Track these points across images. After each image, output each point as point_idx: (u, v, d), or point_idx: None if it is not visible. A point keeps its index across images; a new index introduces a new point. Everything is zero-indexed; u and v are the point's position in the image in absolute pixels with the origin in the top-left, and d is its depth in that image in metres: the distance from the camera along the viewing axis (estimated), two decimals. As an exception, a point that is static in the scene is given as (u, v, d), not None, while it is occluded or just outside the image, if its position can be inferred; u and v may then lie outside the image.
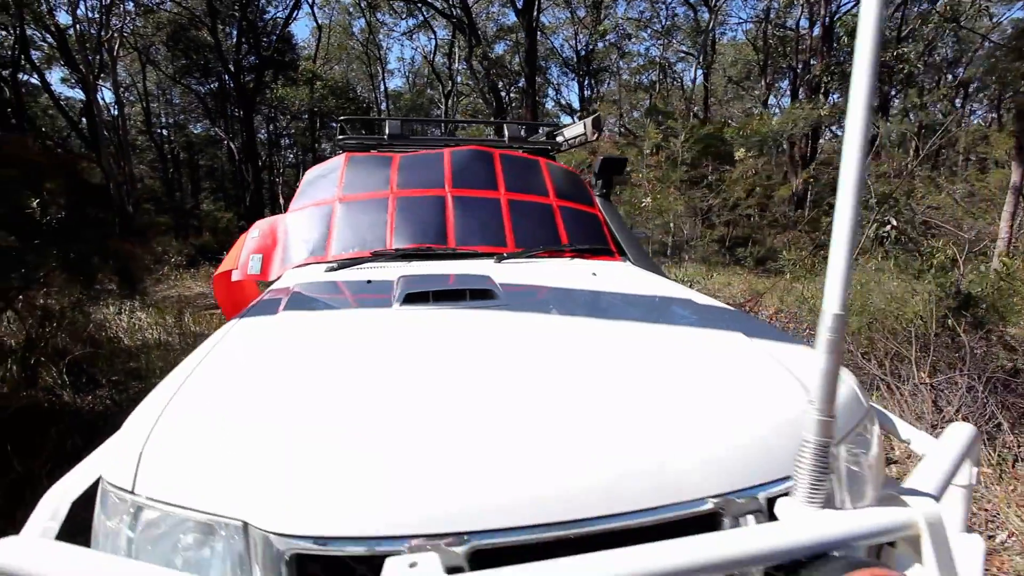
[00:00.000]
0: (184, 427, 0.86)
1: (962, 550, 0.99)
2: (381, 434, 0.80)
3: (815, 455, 0.70)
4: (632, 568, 0.59)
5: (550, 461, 0.77)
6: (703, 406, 0.93)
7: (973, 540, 1.01)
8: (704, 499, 0.80)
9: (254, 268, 2.14)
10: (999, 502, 2.37)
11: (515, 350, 1.12)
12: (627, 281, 1.82)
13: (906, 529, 0.69)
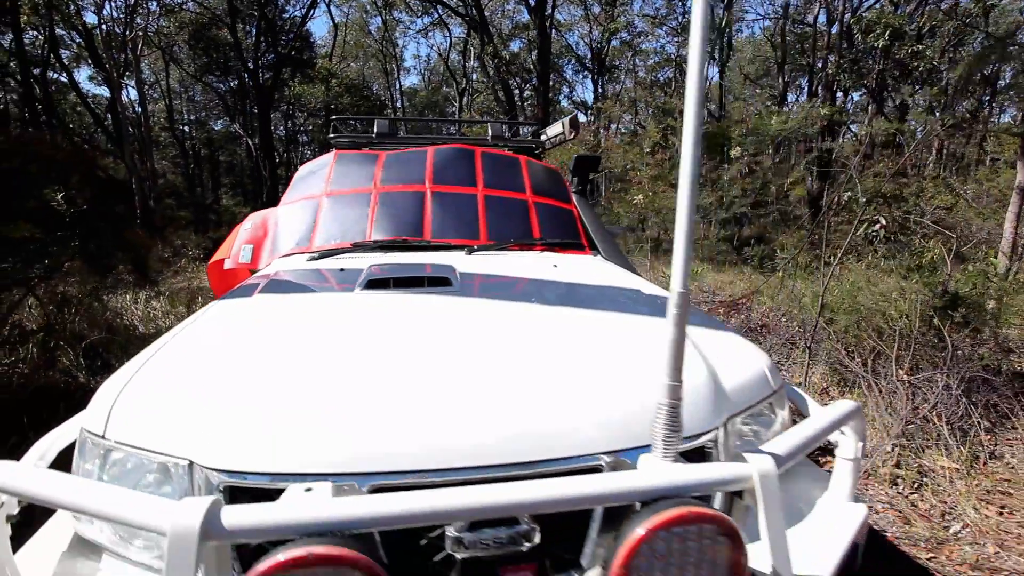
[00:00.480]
0: (148, 384, 1.01)
1: (844, 515, 1.09)
2: (302, 391, 0.94)
3: (667, 415, 0.81)
4: (498, 498, 0.71)
5: (454, 417, 0.90)
6: (607, 377, 1.05)
7: (857, 508, 1.11)
8: (596, 455, 0.92)
9: (245, 257, 2.30)
10: (959, 495, 2.43)
11: (451, 328, 1.25)
12: (585, 272, 1.93)
13: (742, 482, 0.79)
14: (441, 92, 32.07)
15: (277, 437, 0.84)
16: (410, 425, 0.87)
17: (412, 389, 0.95)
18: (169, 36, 20.60)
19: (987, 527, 2.22)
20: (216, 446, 0.85)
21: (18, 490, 0.75)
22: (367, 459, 0.82)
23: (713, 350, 1.22)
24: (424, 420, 0.88)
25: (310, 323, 1.30)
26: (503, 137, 3.08)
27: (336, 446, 0.83)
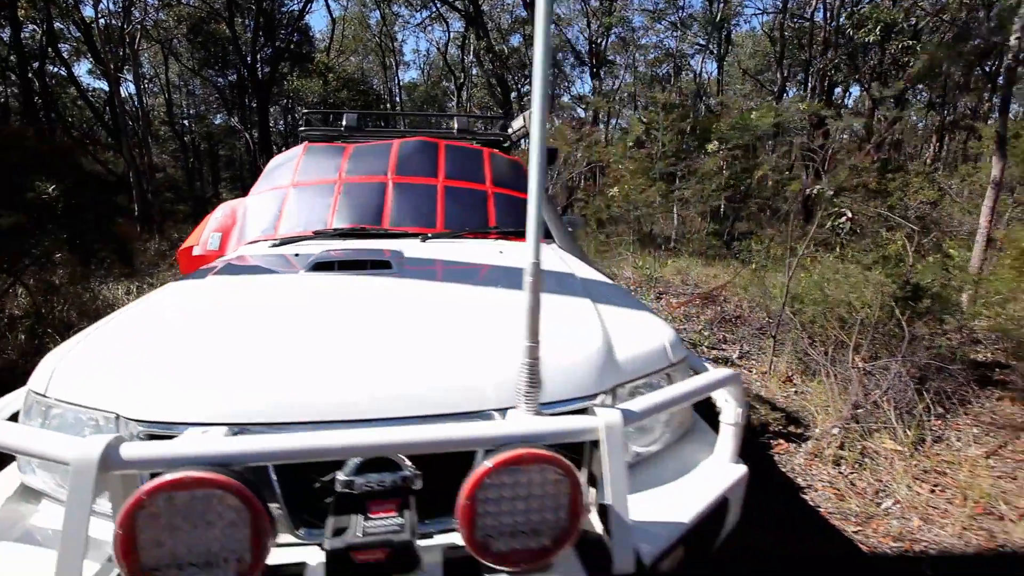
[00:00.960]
0: (87, 349, 1.12)
1: (721, 474, 1.20)
2: (213, 354, 1.05)
3: (527, 373, 0.92)
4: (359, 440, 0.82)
5: (344, 378, 1.01)
6: (497, 346, 1.15)
7: (736, 468, 1.22)
8: (489, 411, 1.03)
9: (213, 244, 2.41)
10: (897, 475, 2.54)
11: (370, 304, 1.36)
12: (513, 252, 2.03)
13: (590, 432, 0.90)
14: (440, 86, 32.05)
15: (185, 392, 0.96)
16: (303, 383, 0.98)
17: (311, 353, 1.06)
18: (168, 30, 20.65)
19: (917, 503, 2.33)
20: (136, 400, 0.96)
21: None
22: (260, 412, 0.93)
23: (616, 323, 1.33)
24: (317, 379, 1.00)
25: (245, 299, 1.42)
26: (469, 130, 3.18)
27: (234, 400, 0.95)
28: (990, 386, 3.86)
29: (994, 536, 2.11)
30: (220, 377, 0.99)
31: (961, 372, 3.63)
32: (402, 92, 30.16)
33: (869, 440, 2.87)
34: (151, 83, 26.71)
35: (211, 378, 0.99)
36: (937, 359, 3.61)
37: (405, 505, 0.83)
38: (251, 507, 0.75)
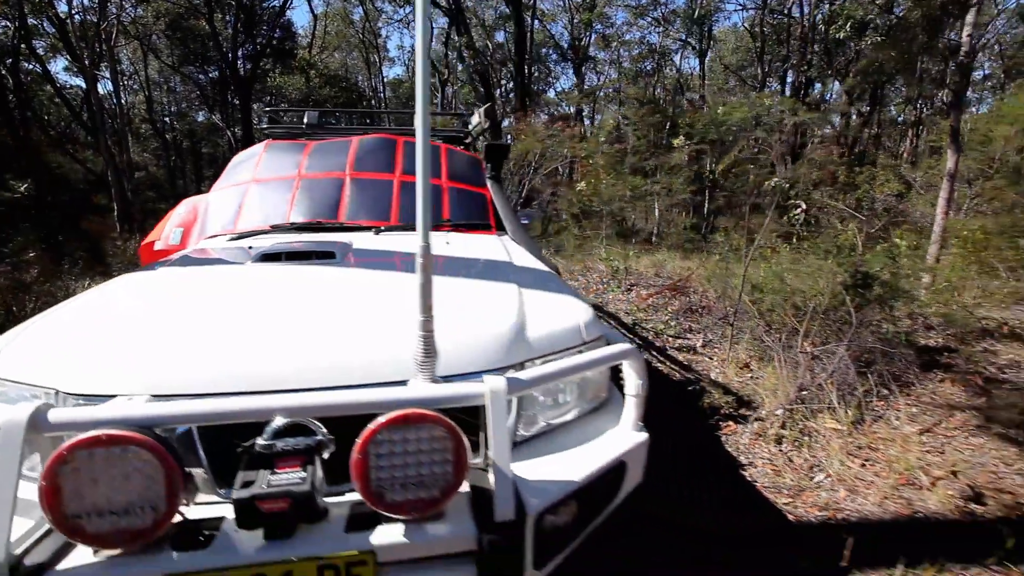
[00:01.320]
0: (31, 333, 1.21)
1: (621, 440, 1.31)
2: (144, 334, 1.15)
3: (422, 344, 1.03)
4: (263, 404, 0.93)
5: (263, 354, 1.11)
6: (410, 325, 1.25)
7: (636, 436, 1.33)
8: (395, 382, 1.13)
9: (175, 239, 2.48)
10: (832, 451, 2.69)
11: (308, 290, 1.46)
12: (474, 249, 2.13)
13: (477, 398, 1.01)
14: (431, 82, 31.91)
15: (116, 367, 1.05)
16: (223, 358, 1.08)
17: (235, 331, 1.16)
18: (146, 26, 20.37)
19: (846, 476, 2.48)
20: (73, 376, 1.05)
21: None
22: (183, 384, 1.03)
23: (535, 305, 1.44)
24: (236, 354, 1.10)
25: (188, 286, 1.51)
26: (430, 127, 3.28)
27: (160, 373, 1.04)
28: (936, 369, 4.05)
29: (911, 503, 2.27)
30: (148, 353, 1.09)
31: (907, 356, 3.81)
32: (386, 88, 30.00)
33: (812, 420, 3.02)
34: (131, 80, 26.30)
35: (140, 354, 1.08)
36: (884, 344, 3.79)
37: (310, 463, 0.93)
38: (165, 463, 0.84)
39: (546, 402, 1.31)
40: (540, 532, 1.03)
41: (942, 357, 4.34)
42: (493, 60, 19.33)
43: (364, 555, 0.90)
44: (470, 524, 0.95)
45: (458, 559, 0.95)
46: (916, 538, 2.05)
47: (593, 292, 6.02)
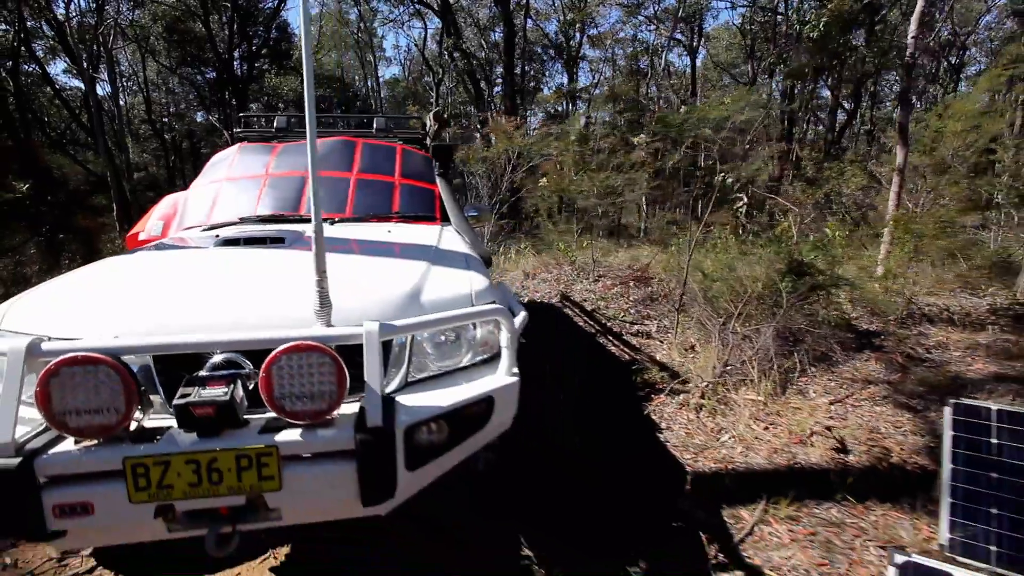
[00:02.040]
0: (29, 297, 1.55)
1: (492, 381, 1.63)
2: (115, 295, 1.50)
3: (318, 297, 1.36)
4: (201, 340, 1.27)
5: (206, 313, 1.45)
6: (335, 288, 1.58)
7: (507, 379, 1.65)
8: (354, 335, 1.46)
9: (156, 230, 2.83)
10: (743, 417, 3.03)
11: (253, 265, 1.80)
12: (411, 236, 2.46)
13: (356, 338, 1.34)
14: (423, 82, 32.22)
15: (92, 318, 1.40)
16: (175, 311, 1.43)
17: (186, 295, 1.51)
18: (144, 28, 20.71)
19: (748, 437, 2.82)
20: (60, 326, 1.39)
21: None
22: (142, 330, 1.37)
23: (438, 278, 1.78)
24: (184, 309, 1.44)
25: (157, 264, 1.85)
26: (389, 129, 3.62)
27: (124, 322, 1.38)
28: (867, 349, 4.39)
29: (794, 456, 2.61)
30: (117, 308, 1.43)
31: (836, 337, 4.16)
32: (381, 88, 30.28)
33: (733, 392, 3.36)
34: (130, 81, 26.64)
35: (111, 309, 1.43)
36: (813, 326, 4.12)
37: (233, 384, 1.27)
38: (123, 378, 1.18)
39: (435, 352, 1.65)
40: (410, 441, 1.37)
41: (877, 339, 4.68)
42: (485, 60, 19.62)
43: (269, 448, 1.23)
44: (350, 430, 1.29)
45: (342, 456, 1.29)
46: (787, 482, 2.39)
47: (563, 283, 6.35)
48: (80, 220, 4.31)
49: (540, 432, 2.79)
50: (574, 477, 2.45)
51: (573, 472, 2.48)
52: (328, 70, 27.43)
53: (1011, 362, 4.03)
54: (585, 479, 2.44)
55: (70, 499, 1.18)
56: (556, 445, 2.69)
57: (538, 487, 2.36)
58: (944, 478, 1.96)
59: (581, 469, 2.52)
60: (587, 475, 2.48)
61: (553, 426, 2.85)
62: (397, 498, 1.40)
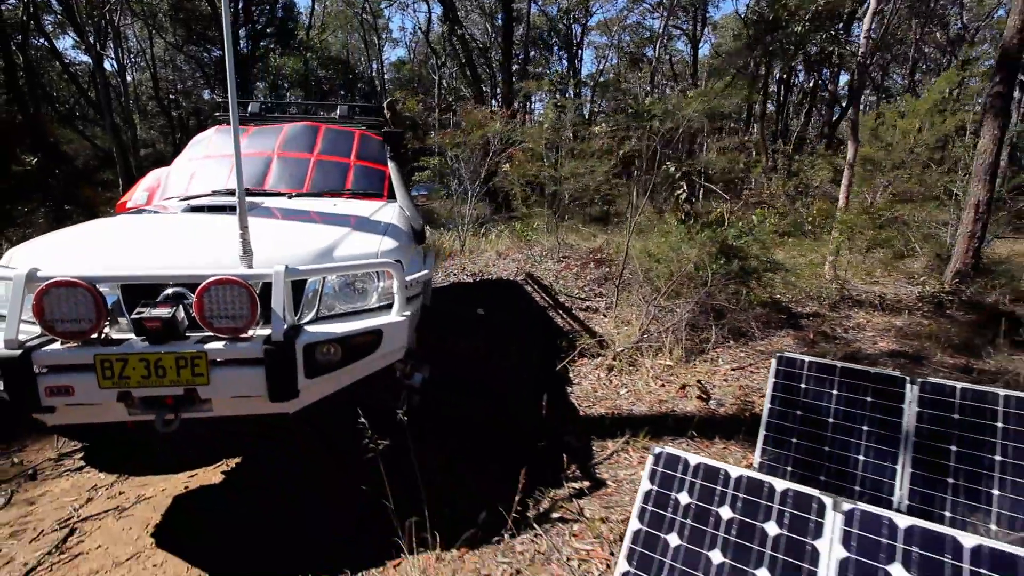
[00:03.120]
0: (29, 245, 2.03)
1: (385, 319, 2.10)
2: (95, 242, 1.97)
3: (241, 245, 1.83)
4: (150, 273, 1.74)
5: (167, 256, 1.92)
6: (267, 243, 2.04)
7: (396, 317, 2.12)
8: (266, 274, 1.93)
9: (141, 200, 3.29)
10: (645, 377, 3.49)
11: (210, 226, 2.27)
12: (349, 208, 2.91)
13: (268, 276, 1.81)
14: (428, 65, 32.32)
15: (76, 258, 1.87)
16: (139, 255, 1.90)
17: (150, 245, 1.98)
18: (151, 5, 21.02)
19: (643, 392, 3.29)
20: (51, 264, 1.87)
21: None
22: (113, 268, 1.84)
23: (355, 238, 2.24)
24: (148, 253, 1.91)
25: (132, 224, 2.33)
26: (349, 116, 4.06)
27: (100, 261, 1.86)
28: (788, 328, 4.83)
29: (673, 406, 3.07)
30: (95, 252, 1.91)
31: (759, 315, 4.60)
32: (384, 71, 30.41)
33: (648, 357, 3.82)
34: (137, 58, 26.98)
35: (90, 253, 1.91)
36: (737, 305, 4.57)
37: (176, 307, 1.74)
38: (96, 299, 1.66)
39: (345, 296, 2.12)
40: (310, 356, 1.84)
41: (804, 319, 5.12)
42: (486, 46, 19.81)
43: (200, 353, 1.71)
44: (260, 344, 1.76)
45: (256, 363, 1.77)
46: (657, 423, 2.85)
47: (530, 263, 6.80)
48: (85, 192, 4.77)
49: (479, 386, 3.27)
50: (494, 418, 2.92)
51: (494, 414, 2.96)
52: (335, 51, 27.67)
53: (911, 341, 4.47)
54: (501, 420, 2.92)
55: (57, 383, 1.67)
56: (488, 394, 3.17)
57: (464, 426, 2.84)
58: (764, 415, 2.42)
59: (501, 412, 2.99)
60: (504, 416, 2.96)
61: (492, 381, 3.33)
62: (301, 400, 1.87)
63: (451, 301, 5.56)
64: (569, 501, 2.13)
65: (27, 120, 4.12)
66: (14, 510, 2.20)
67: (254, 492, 2.31)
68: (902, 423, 2.14)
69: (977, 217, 5.41)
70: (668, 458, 1.69)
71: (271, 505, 2.19)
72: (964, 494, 1.95)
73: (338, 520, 2.04)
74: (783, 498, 1.46)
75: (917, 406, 2.14)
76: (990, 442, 1.98)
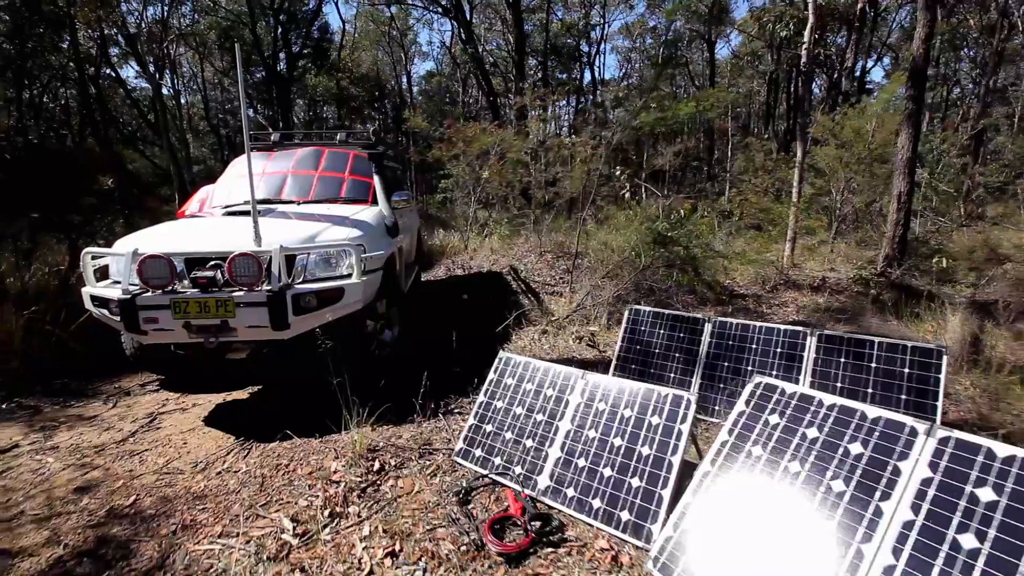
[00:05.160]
0: (127, 237, 3.25)
1: (347, 282, 3.21)
2: (168, 233, 3.16)
3: (254, 232, 2.96)
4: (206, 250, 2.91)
5: (215, 240, 3.08)
6: (276, 233, 3.18)
7: (354, 280, 3.23)
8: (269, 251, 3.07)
9: (193, 209, 4.53)
10: (569, 337, 4.45)
11: (240, 224, 3.43)
12: (338, 211, 4.03)
13: (270, 252, 2.93)
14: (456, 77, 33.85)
15: (157, 243, 3.06)
16: (196, 241, 3.07)
17: (203, 233, 3.15)
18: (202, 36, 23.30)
19: (560, 347, 4.26)
20: (143, 245, 3.06)
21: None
22: (179, 248, 3.01)
23: (332, 229, 3.35)
24: (200, 240, 3.08)
25: (189, 222, 3.52)
26: (346, 141, 5.22)
27: (173, 244, 3.03)
28: (715, 303, 5.67)
29: (576, 354, 4.03)
30: (167, 239, 3.09)
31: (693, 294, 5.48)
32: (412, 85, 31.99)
33: (579, 326, 4.78)
34: (190, 82, 29.57)
35: (165, 239, 3.09)
36: (668, 285, 5.46)
37: (216, 271, 2.88)
38: (169, 266, 2.83)
39: (325, 267, 3.22)
40: (296, 302, 2.95)
41: (737, 298, 5.95)
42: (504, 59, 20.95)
43: (230, 298, 2.84)
44: (265, 293, 2.88)
45: (262, 304, 2.88)
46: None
47: (515, 258, 7.83)
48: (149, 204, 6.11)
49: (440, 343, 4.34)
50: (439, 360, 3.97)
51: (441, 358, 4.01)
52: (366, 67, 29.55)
53: (815, 314, 5.25)
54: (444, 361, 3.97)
55: (149, 315, 2.84)
56: (443, 347, 4.23)
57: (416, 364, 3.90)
58: (616, 349, 3.39)
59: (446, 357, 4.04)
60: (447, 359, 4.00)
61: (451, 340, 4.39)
62: (292, 330, 2.98)
63: (446, 289, 6.67)
64: (469, 401, 3.16)
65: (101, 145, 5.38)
66: (118, 409, 3.42)
67: (264, 402, 3.45)
68: (699, 348, 3.07)
69: (900, 207, 6.09)
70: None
71: (274, 408, 3.31)
72: (727, 393, 2.87)
73: (314, 416, 3.14)
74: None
75: (709, 337, 3.06)
76: (748, 358, 2.89)
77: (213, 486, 2.42)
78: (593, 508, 1.99)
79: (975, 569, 1.21)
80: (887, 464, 1.46)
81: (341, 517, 2.10)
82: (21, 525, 2.17)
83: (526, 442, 2.35)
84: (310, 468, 2.49)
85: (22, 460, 2.76)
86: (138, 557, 1.94)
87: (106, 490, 2.43)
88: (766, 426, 1.77)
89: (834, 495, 1.50)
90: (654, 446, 2.01)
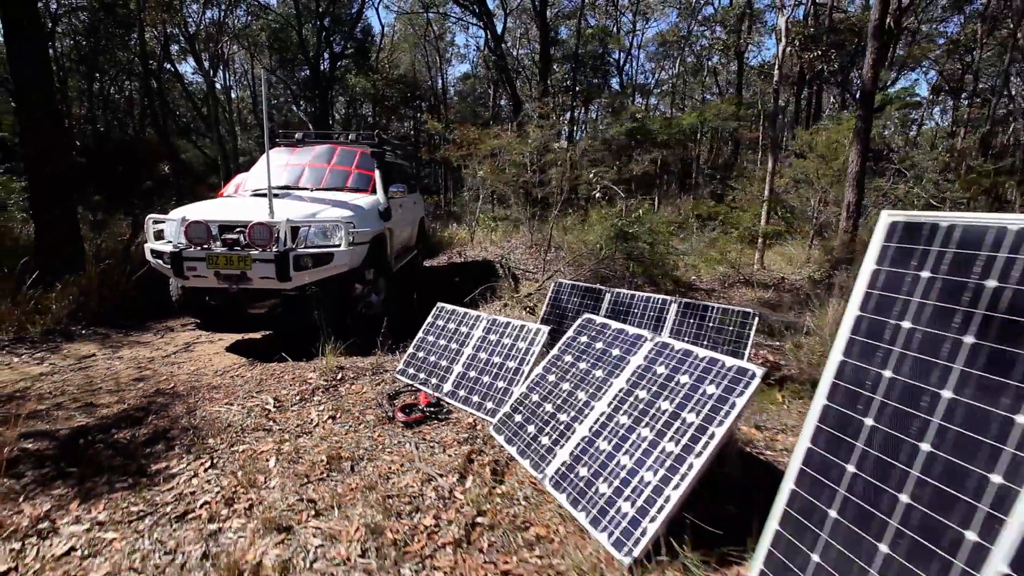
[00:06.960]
0: (179, 209, 4.35)
1: (338, 250, 4.22)
2: (208, 206, 4.24)
3: (269, 208, 3.99)
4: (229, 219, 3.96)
5: (240, 213, 4.13)
6: (293, 212, 4.20)
7: (344, 249, 4.23)
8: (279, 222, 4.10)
9: (230, 191, 5.64)
10: (517, 308, 5.34)
11: (262, 202, 4.48)
12: (343, 197, 5.04)
13: (280, 224, 3.95)
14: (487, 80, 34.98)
15: (201, 212, 4.13)
16: (229, 211, 4.13)
17: (233, 207, 4.21)
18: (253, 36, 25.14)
19: (509, 314, 5.15)
20: (190, 214, 4.13)
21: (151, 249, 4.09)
22: (218, 216, 4.07)
23: (332, 209, 4.37)
24: (231, 211, 4.13)
25: (223, 201, 4.60)
26: (356, 141, 6.25)
27: (212, 214, 4.09)
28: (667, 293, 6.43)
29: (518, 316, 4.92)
30: (208, 210, 4.15)
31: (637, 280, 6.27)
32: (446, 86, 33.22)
33: (539, 301, 5.65)
34: (241, 79, 31.67)
35: (206, 210, 4.15)
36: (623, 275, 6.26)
37: (240, 234, 3.92)
38: (207, 229, 3.88)
39: (323, 238, 4.22)
40: (297, 261, 3.95)
41: (691, 290, 6.70)
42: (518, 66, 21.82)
43: (248, 255, 3.87)
44: (274, 252, 3.90)
45: (271, 260, 3.90)
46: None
47: (508, 250, 8.75)
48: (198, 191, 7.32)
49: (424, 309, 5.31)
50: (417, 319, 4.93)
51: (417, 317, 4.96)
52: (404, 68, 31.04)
53: (749, 305, 5.96)
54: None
55: (191, 265, 3.90)
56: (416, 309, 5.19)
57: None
58: (541, 313, 4.27)
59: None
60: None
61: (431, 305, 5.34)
62: (293, 282, 4.00)
63: (443, 273, 7.66)
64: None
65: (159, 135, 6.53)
66: (164, 339, 4.52)
67: (271, 341, 4.48)
68: (600, 312, 3.92)
69: (848, 216, 6.71)
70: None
71: (277, 344, 4.34)
72: (614, 346, 3.71)
73: (304, 348, 4.13)
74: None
75: (608, 304, 3.92)
76: (631, 320, 3.73)
77: (226, 382, 3.45)
78: (473, 402, 2.91)
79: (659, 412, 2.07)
80: (625, 359, 2.32)
81: (307, 401, 3.08)
82: (100, 394, 3.24)
83: (442, 362, 3.28)
84: (293, 376, 3.48)
85: (98, 362, 3.87)
86: (173, 410, 2.96)
87: (154, 380, 3.49)
88: (579, 344, 2.64)
89: (597, 379, 2.37)
90: (516, 360, 2.91)
